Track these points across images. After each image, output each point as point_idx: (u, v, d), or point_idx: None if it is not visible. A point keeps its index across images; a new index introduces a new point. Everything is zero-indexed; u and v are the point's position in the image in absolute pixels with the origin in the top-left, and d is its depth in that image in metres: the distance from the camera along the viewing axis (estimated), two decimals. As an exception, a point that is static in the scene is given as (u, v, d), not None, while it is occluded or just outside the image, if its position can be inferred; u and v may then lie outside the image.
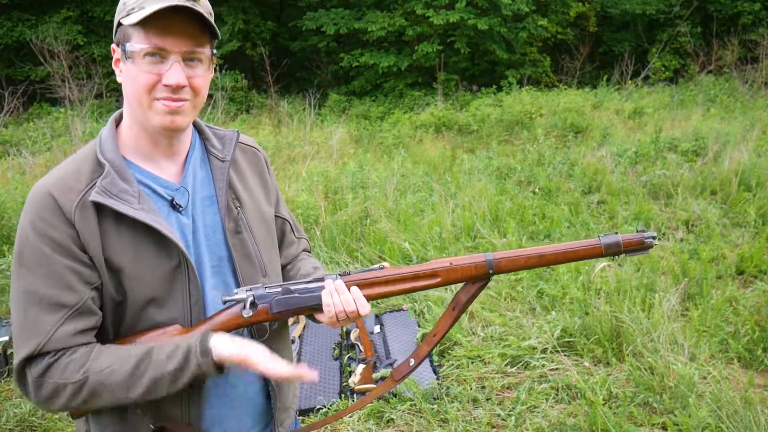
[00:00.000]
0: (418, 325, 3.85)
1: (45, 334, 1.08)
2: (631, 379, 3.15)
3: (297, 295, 1.19)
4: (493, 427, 2.91)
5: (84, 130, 8.55)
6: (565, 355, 3.38)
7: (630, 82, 13.64)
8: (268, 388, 1.35)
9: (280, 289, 1.20)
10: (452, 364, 3.40)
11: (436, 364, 3.44)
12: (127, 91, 1.17)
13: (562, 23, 15.87)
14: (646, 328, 3.42)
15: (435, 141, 9.53)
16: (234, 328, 1.19)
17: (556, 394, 3.10)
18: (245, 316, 1.17)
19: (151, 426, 1.19)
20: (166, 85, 1.12)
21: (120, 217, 1.13)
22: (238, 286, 1.27)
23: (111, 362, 1.10)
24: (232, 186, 1.29)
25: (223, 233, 1.26)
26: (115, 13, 1.19)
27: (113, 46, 1.18)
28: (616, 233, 1.20)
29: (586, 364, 3.32)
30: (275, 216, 1.41)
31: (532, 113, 10.38)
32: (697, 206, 5.66)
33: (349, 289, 1.21)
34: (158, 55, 1.12)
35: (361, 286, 1.22)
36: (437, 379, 3.26)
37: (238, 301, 1.19)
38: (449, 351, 3.55)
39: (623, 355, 3.34)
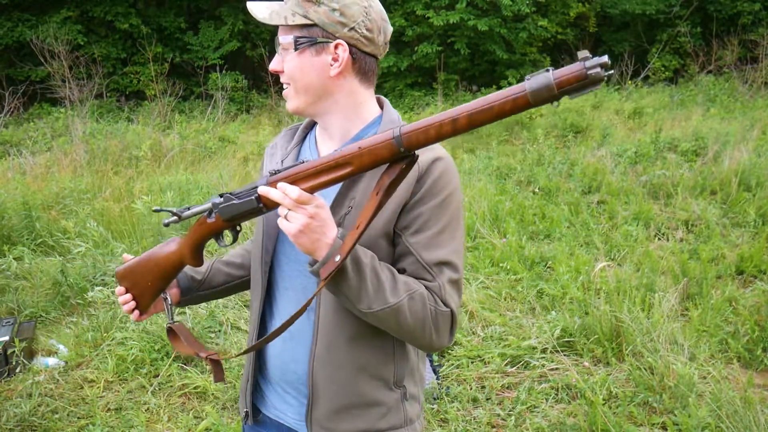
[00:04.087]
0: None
1: None
2: (631, 379, 3.15)
3: (236, 201, 1.22)
4: (493, 427, 2.91)
5: (84, 130, 8.54)
6: (565, 355, 3.38)
7: (630, 82, 13.64)
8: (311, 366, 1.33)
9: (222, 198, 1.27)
10: (452, 364, 3.40)
11: (436, 364, 3.44)
12: None
13: (562, 23, 15.86)
14: (646, 328, 3.42)
15: (435, 141, 9.51)
16: (206, 234, 1.29)
17: (556, 394, 3.10)
18: (209, 220, 1.27)
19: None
20: None
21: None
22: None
23: None
24: (356, 184, 1.24)
25: None
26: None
27: None
28: (548, 69, 0.93)
29: (586, 364, 3.32)
30: (396, 233, 1.25)
31: (532, 113, 10.38)
32: (697, 206, 5.67)
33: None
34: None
35: (288, 182, 1.16)
36: (437, 379, 3.26)
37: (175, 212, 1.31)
38: (449, 351, 3.55)
39: (623, 355, 3.34)
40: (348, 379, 1.28)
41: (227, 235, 1.30)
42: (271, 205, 1.18)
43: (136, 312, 1.41)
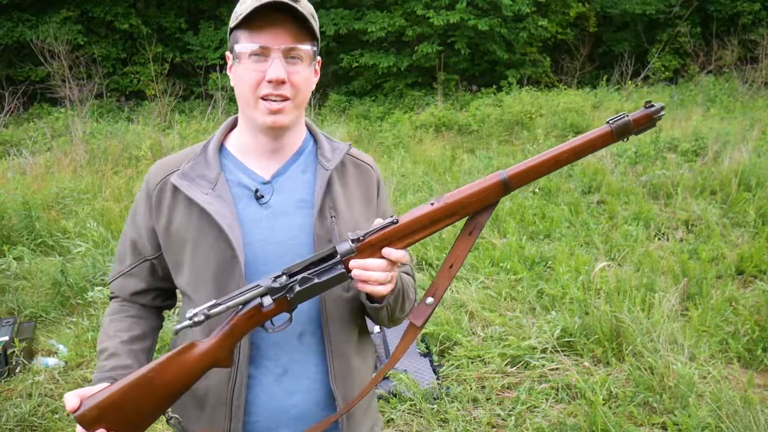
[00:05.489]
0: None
1: (112, 276, 1.38)
2: (631, 379, 3.15)
3: (317, 280, 1.12)
4: (493, 427, 2.91)
5: (84, 130, 8.55)
6: (565, 355, 3.38)
7: (630, 82, 13.63)
8: (334, 408, 1.28)
9: (285, 277, 1.13)
10: (452, 364, 3.40)
11: (436, 364, 3.44)
12: (237, 91, 1.24)
13: (562, 23, 15.86)
14: (646, 328, 3.42)
15: (435, 141, 9.53)
16: (257, 324, 1.14)
17: (556, 394, 3.10)
18: (265, 308, 1.12)
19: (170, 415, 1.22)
20: (268, 81, 1.17)
21: (191, 199, 1.24)
22: None
23: (100, 335, 1.32)
24: (332, 194, 1.28)
25: (312, 237, 1.24)
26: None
27: (227, 53, 1.27)
28: (626, 114, 1.14)
29: (586, 364, 3.32)
30: None
31: (532, 113, 10.38)
32: (697, 206, 5.67)
33: (370, 254, 1.14)
34: (262, 54, 1.18)
35: (379, 247, 1.14)
36: (437, 379, 3.26)
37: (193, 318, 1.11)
38: (449, 351, 3.55)
39: (623, 355, 3.34)
40: (363, 379, 1.33)
41: (282, 317, 1.16)
42: None
43: None
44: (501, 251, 4.75)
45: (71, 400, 1.10)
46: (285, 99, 1.19)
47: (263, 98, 1.19)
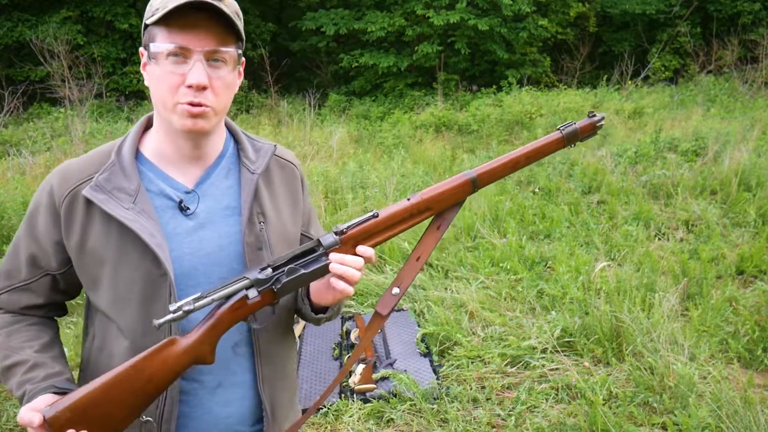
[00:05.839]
0: (418, 325, 3.85)
1: None
2: (631, 379, 3.15)
3: (304, 271, 1.12)
4: (493, 427, 2.91)
5: (84, 130, 8.55)
6: (565, 355, 3.38)
7: (630, 82, 13.63)
8: (262, 413, 1.26)
9: (270, 270, 1.12)
10: (452, 364, 3.40)
11: (436, 364, 3.44)
12: (152, 93, 1.15)
13: (562, 23, 15.85)
14: (646, 328, 3.42)
15: (435, 141, 9.53)
16: (242, 317, 1.11)
17: (556, 394, 3.10)
18: (250, 300, 1.09)
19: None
20: (188, 86, 1.09)
21: (110, 215, 1.13)
22: None
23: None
24: (259, 200, 1.24)
25: (242, 246, 1.20)
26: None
27: (141, 49, 1.17)
28: (574, 123, 1.27)
29: (586, 364, 3.32)
30: (303, 235, 1.35)
31: (532, 113, 10.38)
32: (697, 206, 5.66)
33: (351, 246, 1.16)
34: (181, 55, 1.09)
35: (361, 239, 1.16)
36: (437, 379, 3.26)
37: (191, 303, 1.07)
38: (449, 351, 3.55)
39: (623, 355, 3.34)
40: (289, 379, 1.34)
41: (265, 311, 1.15)
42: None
43: None
44: (501, 251, 4.75)
45: (31, 416, 1.02)
46: (206, 106, 1.12)
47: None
